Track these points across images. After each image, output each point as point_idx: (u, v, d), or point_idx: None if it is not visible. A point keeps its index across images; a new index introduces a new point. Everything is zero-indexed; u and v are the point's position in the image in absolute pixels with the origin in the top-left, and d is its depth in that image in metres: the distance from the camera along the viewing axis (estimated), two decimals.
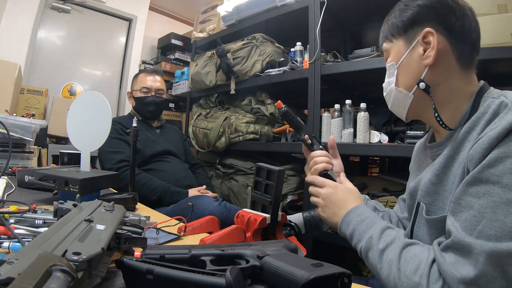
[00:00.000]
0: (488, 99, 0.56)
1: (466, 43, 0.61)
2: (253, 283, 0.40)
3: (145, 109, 1.62)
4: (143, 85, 1.63)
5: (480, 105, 0.57)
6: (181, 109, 3.14)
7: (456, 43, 0.61)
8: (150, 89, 1.62)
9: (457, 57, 0.61)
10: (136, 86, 1.65)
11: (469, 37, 0.61)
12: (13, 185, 0.94)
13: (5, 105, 2.00)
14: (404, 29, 0.65)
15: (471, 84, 0.61)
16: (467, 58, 0.61)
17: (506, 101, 0.52)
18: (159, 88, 1.65)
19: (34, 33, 2.82)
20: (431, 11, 0.62)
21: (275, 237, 0.58)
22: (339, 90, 1.82)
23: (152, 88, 1.63)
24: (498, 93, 0.58)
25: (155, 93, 1.63)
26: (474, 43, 0.62)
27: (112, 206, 0.48)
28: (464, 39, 0.61)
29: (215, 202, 1.32)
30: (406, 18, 0.65)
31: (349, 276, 0.37)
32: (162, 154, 1.55)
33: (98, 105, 0.86)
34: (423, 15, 0.62)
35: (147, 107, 1.61)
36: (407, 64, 0.65)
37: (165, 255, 0.40)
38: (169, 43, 3.28)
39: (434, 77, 0.62)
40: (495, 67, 1.26)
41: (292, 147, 1.66)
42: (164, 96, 1.68)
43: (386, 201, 1.30)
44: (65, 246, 0.29)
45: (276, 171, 0.57)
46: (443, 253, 0.49)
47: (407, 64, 0.65)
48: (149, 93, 1.62)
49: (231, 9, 2.05)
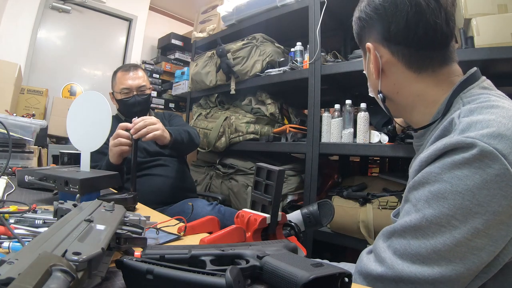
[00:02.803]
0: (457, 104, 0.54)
1: (410, 45, 0.56)
2: (253, 283, 0.40)
3: (129, 111, 1.47)
4: (122, 86, 1.46)
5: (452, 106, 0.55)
6: (181, 109, 3.14)
7: (398, 49, 0.57)
8: (130, 89, 1.46)
9: (404, 63, 0.57)
10: (116, 88, 1.50)
11: (411, 37, 0.55)
12: (13, 185, 0.94)
13: (5, 105, 2.00)
14: (359, 42, 0.66)
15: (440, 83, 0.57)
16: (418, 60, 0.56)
17: (456, 120, 0.49)
18: (140, 85, 1.47)
19: (34, 33, 2.82)
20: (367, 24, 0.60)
21: (275, 237, 0.58)
22: (339, 90, 1.82)
23: (132, 87, 1.46)
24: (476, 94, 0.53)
25: (136, 92, 1.46)
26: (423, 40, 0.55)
27: (112, 206, 0.48)
28: (406, 41, 0.56)
29: (209, 206, 1.30)
30: (355, 33, 0.66)
31: (349, 276, 0.37)
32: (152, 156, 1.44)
33: (98, 105, 0.86)
34: (363, 29, 0.62)
35: (131, 108, 1.47)
36: (368, 75, 0.67)
37: (165, 255, 0.40)
38: (169, 43, 3.28)
39: (390, 87, 0.62)
40: (495, 67, 1.26)
41: (292, 147, 1.66)
42: (147, 91, 1.50)
43: (386, 201, 1.30)
44: (65, 246, 0.29)
45: (276, 171, 0.57)
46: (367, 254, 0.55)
47: (368, 75, 0.67)
48: (130, 94, 1.46)
49: (231, 9, 2.05)
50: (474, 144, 0.43)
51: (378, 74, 0.60)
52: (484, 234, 0.42)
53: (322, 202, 0.71)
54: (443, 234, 0.44)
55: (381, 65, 0.60)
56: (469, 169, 0.43)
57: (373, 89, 0.67)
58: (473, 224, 0.42)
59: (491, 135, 0.43)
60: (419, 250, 0.45)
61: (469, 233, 0.43)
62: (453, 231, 0.43)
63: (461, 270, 0.43)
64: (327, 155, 2.05)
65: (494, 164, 0.42)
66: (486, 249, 0.43)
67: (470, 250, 0.43)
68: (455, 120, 0.50)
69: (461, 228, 0.43)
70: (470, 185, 0.43)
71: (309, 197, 1.51)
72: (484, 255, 0.43)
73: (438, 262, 0.44)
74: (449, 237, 0.43)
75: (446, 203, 0.44)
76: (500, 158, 0.42)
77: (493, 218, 0.42)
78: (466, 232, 0.43)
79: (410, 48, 0.56)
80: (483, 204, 0.42)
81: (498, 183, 0.42)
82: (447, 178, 0.44)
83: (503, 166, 0.42)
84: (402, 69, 0.58)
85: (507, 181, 0.42)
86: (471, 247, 0.43)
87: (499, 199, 0.42)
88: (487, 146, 0.42)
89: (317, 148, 1.51)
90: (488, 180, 0.42)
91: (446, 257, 0.43)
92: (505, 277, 0.46)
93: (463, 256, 0.43)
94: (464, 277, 0.44)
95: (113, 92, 1.54)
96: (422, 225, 0.45)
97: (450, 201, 0.44)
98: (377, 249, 0.52)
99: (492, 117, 0.46)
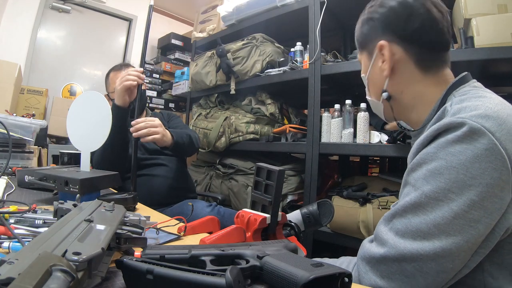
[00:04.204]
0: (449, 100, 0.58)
1: (423, 45, 0.61)
2: (253, 283, 0.40)
3: None
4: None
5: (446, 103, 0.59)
6: (181, 109, 3.14)
7: (411, 48, 0.61)
8: None
9: (415, 62, 0.61)
10: (110, 88, 1.47)
11: (425, 37, 0.60)
12: (13, 185, 0.94)
13: (5, 105, 2.00)
14: (364, 43, 0.68)
15: (439, 84, 0.61)
16: (428, 60, 0.61)
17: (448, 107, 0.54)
18: None
19: (34, 33, 2.82)
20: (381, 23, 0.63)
21: (275, 237, 0.58)
22: (339, 90, 1.82)
23: None
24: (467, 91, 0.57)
25: None
26: (434, 42, 0.61)
27: (112, 206, 0.48)
28: (420, 41, 0.60)
29: (208, 207, 1.29)
30: (363, 34, 0.67)
31: (349, 276, 0.37)
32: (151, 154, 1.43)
33: (98, 105, 0.86)
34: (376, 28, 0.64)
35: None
36: (372, 76, 0.68)
37: (165, 255, 0.40)
38: (169, 43, 3.27)
39: (396, 86, 0.64)
40: (495, 67, 1.26)
41: (292, 147, 1.66)
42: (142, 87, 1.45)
43: (386, 201, 1.30)
44: (65, 246, 0.29)
45: (276, 171, 0.57)
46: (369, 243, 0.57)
47: (372, 76, 0.69)
48: None
49: (231, 9, 2.05)
50: (464, 123, 0.47)
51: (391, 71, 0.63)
52: (479, 206, 0.45)
53: (322, 202, 0.71)
54: (442, 207, 0.47)
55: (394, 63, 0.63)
56: (461, 145, 0.47)
57: (376, 89, 0.69)
58: (469, 196, 0.45)
59: (479, 116, 0.48)
60: (419, 226, 0.48)
61: (465, 205, 0.46)
62: (450, 204, 0.46)
63: (461, 242, 0.46)
64: (327, 155, 2.05)
65: (483, 139, 0.46)
66: (482, 221, 0.45)
67: (467, 222, 0.46)
68: (447, 108, 0.55)
69: (457, 200, 0.46)
70: (463, 159, 0.46)
71: (309, 197, 1.51)
72: (481, 227, 0.46)
73: (438, 236, 0.46)
74: (447, 210, 0.46)
75: (443, 178, 0.47)
76: (487, 134, 0.46)
77: (486, 190, 0.45)
78: (462, 204, 0.46)
79: (422, 48, 0.61)
80: (476, 177, 0.45)
81: (488, 156, 0.45)
82: (442, 156, 0.48)
83: (491, 141, 0.46)
84: (411, 68, 0.62)
85: (495, 154, 0.45)
86: (468, 219, 0.45)
87: (491, 172, 0.45)
88: (476, 124, 0.47)
89: (317, 148, 1.51)
90: (479, 154, 0.46)
91: (446, 231, 0.46)
92: (501, 257, 0.49)
93: (461, 229, 0.46)
94: (464, 250, 0.46)
95: (108, 94, 1.53)
96: (422, 201, 0.48)
97: (446, 175, 0.47)
98: (379, 233, 0.53)
99: (479, 103, 0.51)
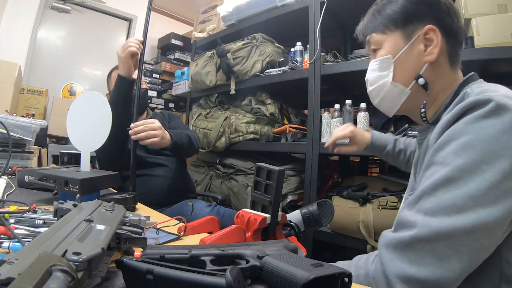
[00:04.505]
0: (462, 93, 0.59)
1: (456, 43, 0.64)
2: (253, 283, 0.40)
3: None
4: None
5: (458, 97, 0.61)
6: (181, 109, 3.13)
7: (450, 42, 0.63)
8: None
9: (449, 55, 0.63)
10: (112, 87, 1.45)
11: (459, 37, 0.64)
12: (13, 185, 0.94)
13: (5, 105, 2.00)
14: (403, 22, 0.64)
15: (457, 80, 0.64)
16: (456, 56, 0.64)
17: (469, 91, 0.56)
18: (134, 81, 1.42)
19: (34, 33, 2.82)
20: (431, 9, 0.63)
21: (275, 237, 0.58)
22: (339, 90, 1.82)
23: None
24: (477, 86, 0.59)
25: None
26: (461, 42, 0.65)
27: (112, 206, 0.48)
28: (456, 39, 0.63)
29: (208, 207, 1.29)
30: (405, 12, 0.64)
31: (349, 276, 0.37)
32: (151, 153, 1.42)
33: (98, 105, 0.86)
34: (424, 12, 0.63)
35: None
36: (406, 59, 0.64)
37: (165, 255, 0.40)
38: (169, 43, 3.27)
39: (431, 74, 0.63)
40: (495, 67, 1.26)
41: (292, 147, 1.66)
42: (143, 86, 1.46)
43: (386, 201, 1.30)
44: (65, 246, 0.29)
45: (276, 171, 0.57)
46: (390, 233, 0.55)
47: (405, 59, 0.64)
48: None
49: (231, 9, 2.05)
50: (491, 99, 0.49)
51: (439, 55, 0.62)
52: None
53: (322, 202, 0.71)
54: (475, 179, 0.47)
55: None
56: (489, 120, 0.48)
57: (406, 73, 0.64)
58: (501, 166, 0.46)
59: (503, 95, 0.50)
60: (453, 201, 0.47)
61: (499, 175, 0.46)
62: (484, 175, 0.47)
63: (497, 214, 0.46)
64: (327, 155, 2.05)
65: (509, 114, 0.48)
66: None
67: (502, 193, 0.46)
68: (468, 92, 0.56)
69: (491, 171, 0.46)
70: (493, 132, 0.47)
71: (309, 197, 1.51)
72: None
73: (473, 208, 0.46)
74: (482, 181, 0.46)
75: (474, 151, 0.48)
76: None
77: None
78: (496, 173, 0.46)
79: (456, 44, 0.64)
80: (506, 148, 0.47)
81: None
82: (471, 130, 0.49)
83: None
84: (445, 60, 0.63)
85: None
86: (502, 190, 0.46)
87: None
88: (501, 100, 0.49)
89: (317, 148, 1.51)
90: (507, 127, 0.47)
91: (481, 202, 0.46)
92: None
93: (496, 200, 0.46)
94: (500, 223, 0.46)
95: (109, 93, 1.50)
96: (454, 175, 0.48)
97: (477, 148, 0.48)
98: (403, 218, 0.52)
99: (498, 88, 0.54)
